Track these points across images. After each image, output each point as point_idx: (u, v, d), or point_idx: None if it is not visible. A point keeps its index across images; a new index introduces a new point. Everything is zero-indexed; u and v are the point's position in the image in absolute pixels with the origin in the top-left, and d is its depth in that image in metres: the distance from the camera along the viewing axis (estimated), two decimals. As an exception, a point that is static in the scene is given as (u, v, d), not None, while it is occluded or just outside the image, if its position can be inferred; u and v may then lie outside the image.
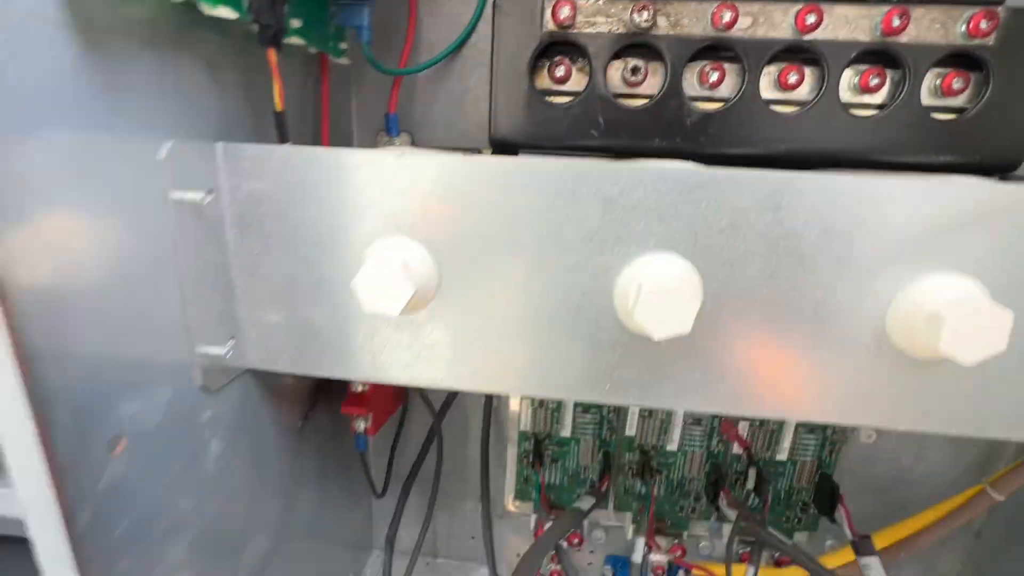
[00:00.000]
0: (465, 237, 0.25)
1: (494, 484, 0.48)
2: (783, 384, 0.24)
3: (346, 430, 0.43)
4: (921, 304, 0.21)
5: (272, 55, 0.26)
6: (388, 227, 0.25)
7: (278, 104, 0.27)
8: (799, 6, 0.28)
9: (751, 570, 0.42)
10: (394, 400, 0.47)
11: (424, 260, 0.24)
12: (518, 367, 0.26)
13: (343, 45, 0.36)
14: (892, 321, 0.23)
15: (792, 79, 0.30)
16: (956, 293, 0.21)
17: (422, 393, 0.47)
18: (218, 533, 0.30)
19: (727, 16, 0.29)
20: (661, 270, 0.23)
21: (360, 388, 0.40)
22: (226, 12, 0.23)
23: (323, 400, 0.41)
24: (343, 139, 0.41)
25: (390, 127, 0.39)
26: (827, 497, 0.41)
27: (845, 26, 0.29)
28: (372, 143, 0.41)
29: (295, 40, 0.30)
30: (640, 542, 0.45)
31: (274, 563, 0.36)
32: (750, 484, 0.42)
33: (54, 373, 0.19)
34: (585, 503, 0.42)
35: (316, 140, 0.37)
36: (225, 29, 0.25)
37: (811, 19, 0.29)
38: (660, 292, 0.21)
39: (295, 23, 0.30)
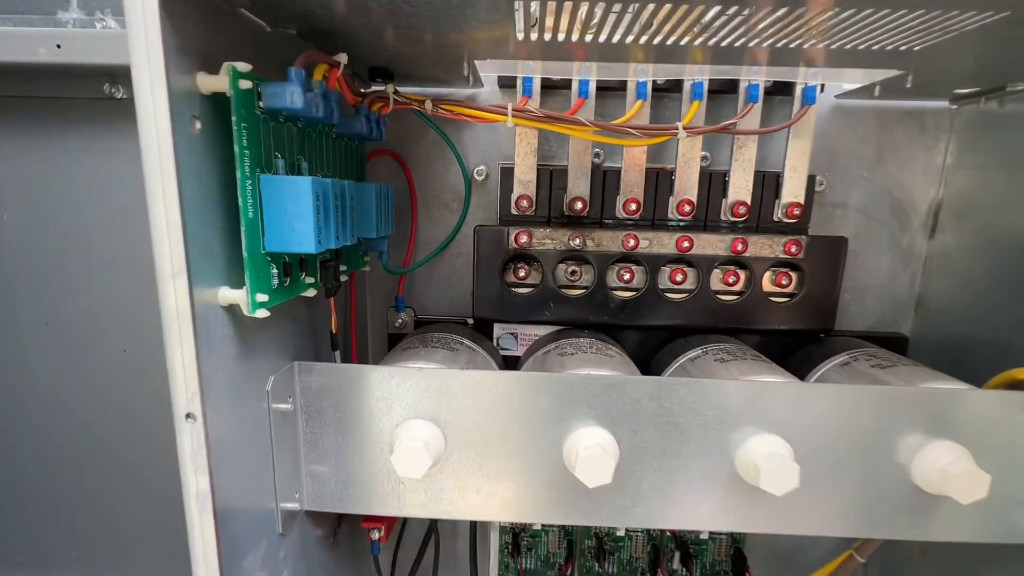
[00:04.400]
0: (462, 418, 0.36)
1: (480, 574, 0.58)
2: (677, 504, 0.37)
3: (364, 540, 0.52)
4: (750, 455, 0.34)
5: (332, 301, 0.38)
6: (411, 413, 0.36)
7: (334, 327, 0.39)
8: (678, 235, 0.43)
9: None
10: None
11: (436, 435, 0.36)
12: (503, 502, 0.37)
13: (366, 258, 0.46)
14: (737, 463, 0.36)
15: (678, 278, 0.44)
16: (768, 449, 0.33)
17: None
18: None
19: (631, 242, 0.43)
20: (590, 439, 0.35)
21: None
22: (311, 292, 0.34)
23: (346, 520, 0.51)
24: (362, 312, 0.53)
25: (398, 306, 0.51)
26: (740, 567, 0.53)
27: (709, 246, 0.43)
28: (384, 316, 0.53)
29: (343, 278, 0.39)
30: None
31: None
32: (680, 561, 0.53)
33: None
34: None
35: (346, 324, 0.47)
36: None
37: (686, 244, 0.43)
38: (590, 459, 0.33)
39: (342, 273, 0.39)
